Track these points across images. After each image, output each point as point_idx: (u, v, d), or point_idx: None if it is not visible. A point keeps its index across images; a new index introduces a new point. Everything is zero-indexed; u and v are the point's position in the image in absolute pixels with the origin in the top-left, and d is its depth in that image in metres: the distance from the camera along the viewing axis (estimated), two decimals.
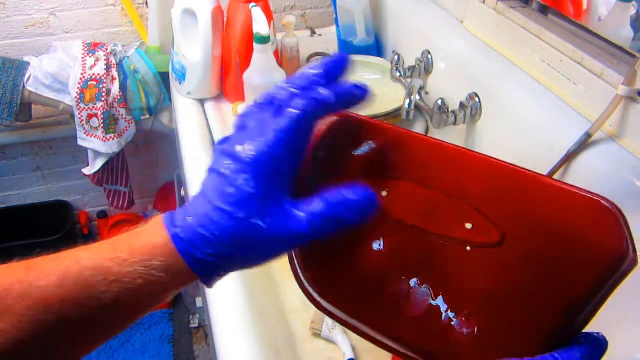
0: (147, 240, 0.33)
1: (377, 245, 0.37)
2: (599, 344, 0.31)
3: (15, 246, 1.56)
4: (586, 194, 0.32)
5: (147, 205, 1.81)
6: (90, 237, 1.77)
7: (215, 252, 0.33)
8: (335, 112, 0.36)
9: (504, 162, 0.35)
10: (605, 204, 0.31)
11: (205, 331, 1.66)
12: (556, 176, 0.63)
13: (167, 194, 1.69)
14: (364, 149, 0.38)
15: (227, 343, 0.59)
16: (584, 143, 0.61)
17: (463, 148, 0.36)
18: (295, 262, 0.39)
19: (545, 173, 0.63)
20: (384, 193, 0.37)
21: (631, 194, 0.56)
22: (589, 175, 0.60)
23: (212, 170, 0.34)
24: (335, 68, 0.36)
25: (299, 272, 0.39)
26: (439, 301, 0.35)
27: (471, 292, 0.34)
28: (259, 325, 0.61)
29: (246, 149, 0.33)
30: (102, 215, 1.77)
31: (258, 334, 0.59)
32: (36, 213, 1.68)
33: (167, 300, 0.35)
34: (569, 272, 0.32)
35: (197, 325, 1.68)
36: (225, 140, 0.35)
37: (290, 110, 0.33)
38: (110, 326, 0.34)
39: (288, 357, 0.65)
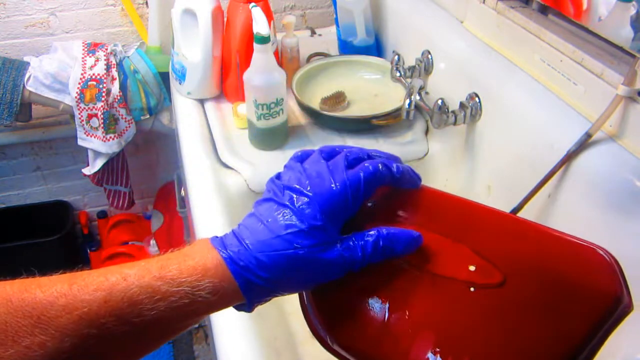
0: (198, 261, 0.34)
1: (383, 286, 0.38)
2: None
3: (15, 246, 1.56)
4: (581, 242, 0.34)
5: (147, 205, 1.81)
6: (90, 237, 1.76)
7: (270, 276, 0.34)
8: (396, 185, 0.40)
9: (503, 212, 0.38)
10: (600, 251, 0.33)
11: (205, 331, 1.66)
12: (556, 176, 0.63)
13: (167, 194, 1.69)
14: (374, 198, 0.40)
15: (227, 343, 0.59)
16: (584, 143, 0.61)
17: (465, 199, 0.39)
18: (305, 300, 0.40)
19: (545, 173, 0.63)
20: None
21: (631, 194, 0.56)
22: (589, 175, 0.60)
23: (269, 200, 0.37)
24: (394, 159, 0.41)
25: (309, 309, 0.40)
26: (438, 359, 0.36)
27: (471, 335, 0.35)
28: (259, 325, 0.61)
29: (316, 187, 0.36)
30: (102, 215, 1.77)
31: (258, 334, 0.59)
32: (36, 213, 1.68)
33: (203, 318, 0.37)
34: (565, 316, 0.33)
35: (197, 325, 1.68)
36: (279, 176, 0.39)
37: (367, 165, 0.37)
38: (149, 342, 0.35)
39: (288, 358, 0.65)
